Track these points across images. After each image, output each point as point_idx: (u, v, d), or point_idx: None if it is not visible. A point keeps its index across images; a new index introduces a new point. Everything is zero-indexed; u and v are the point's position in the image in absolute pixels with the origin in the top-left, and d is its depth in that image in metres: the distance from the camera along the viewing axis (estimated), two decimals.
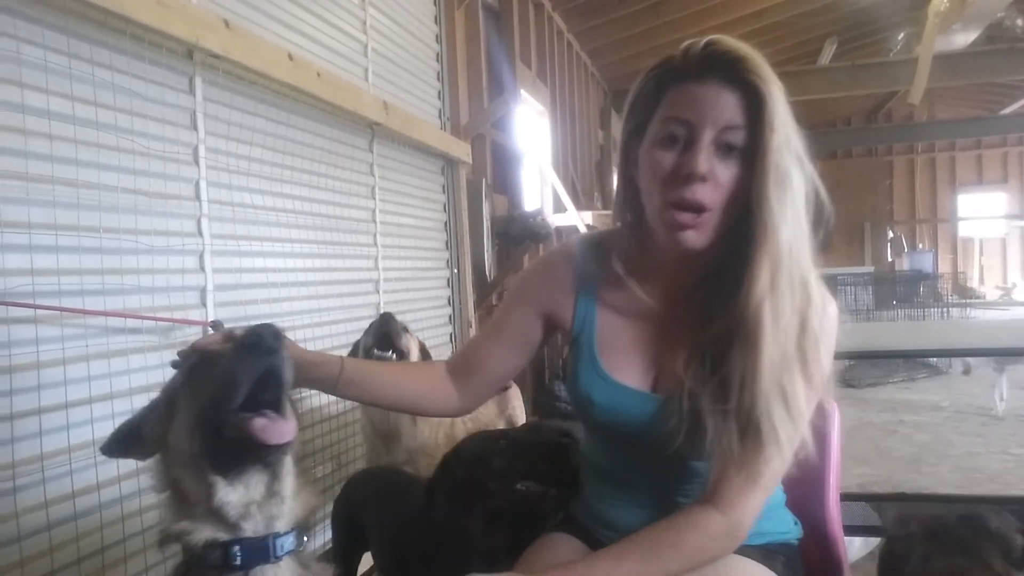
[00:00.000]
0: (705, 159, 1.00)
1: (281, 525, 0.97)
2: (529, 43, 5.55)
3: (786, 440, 1.01)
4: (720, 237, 1.05)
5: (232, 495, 0.94)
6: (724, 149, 1.01)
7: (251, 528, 0.95)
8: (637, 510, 1.17)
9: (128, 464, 1.63)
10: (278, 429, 0.94)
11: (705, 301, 1.09)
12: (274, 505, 0.97)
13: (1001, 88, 11.76)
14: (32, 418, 1.45)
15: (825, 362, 1.06)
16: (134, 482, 1.64)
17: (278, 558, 0.96)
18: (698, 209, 1.01)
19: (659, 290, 1.15)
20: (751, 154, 1.00)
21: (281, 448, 0.94)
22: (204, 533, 0.94)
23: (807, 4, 7.60)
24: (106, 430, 1.57)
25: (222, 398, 0.93)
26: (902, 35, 9.09)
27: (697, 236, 1.03)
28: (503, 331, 1.28)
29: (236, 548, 0.93)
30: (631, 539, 1.04)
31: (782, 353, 1.00)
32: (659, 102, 1.06)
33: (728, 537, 1.05)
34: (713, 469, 1.06)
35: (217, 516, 0.94)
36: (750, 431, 1.01)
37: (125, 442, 1.03)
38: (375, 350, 2.08)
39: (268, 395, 0.95)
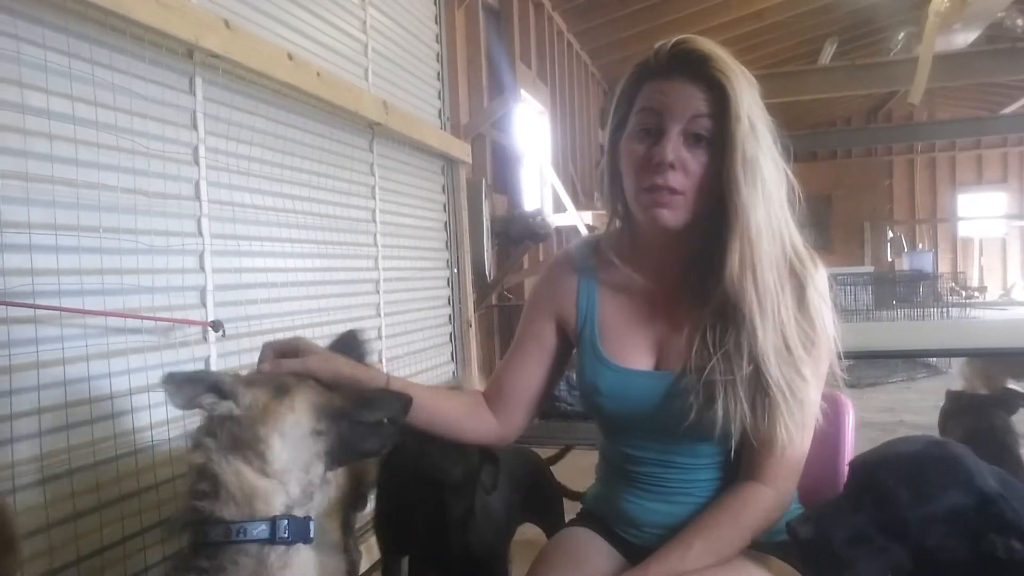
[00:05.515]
0: (672, 148, 1.07)
1: (314, 512, 1.08)
2: (529, 43, 5.55)
3: (796, 402, 1.07)
4: (697, 220, 1.12)
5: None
6: (693, 139, 1.09)
7: (312, 504, 1.07)
8: (656, 505, 1.20)
9: (127, 465, 1.64)
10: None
11: (697, 281, 1.15)
12: (326, 491, 1.12)
13: (1001, 88, 11.72)
14: (32, 418, 1.45)
15: (827, 324, 1.13)
16: (133, 482, 1.64)
17: (311, 540, 1.06)
18: (671, 192, 1.09)
19: (653, 273, 1.21)
20: (719, 143, 1.07)
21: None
22: (279, 498, 1.03)
23: (807, 4, 7.59)
24: (106, 431, 1.59)
25: (349, 411, 1.09)
26: (902, 35, 9.06)
27: (672, 215, 1.10)
28: (523, 345, 1.31)
29: (285, 522, 1.02)
30: (691, 528, 1.11)
31: (781, 321, 1.06)
32: (635, 98, 1.14)
33: (780, 508, 1.14)
34: (740, 448, 1.11)
35: (290, 483, 1.05)
36: (759, 397, 1.07)
37: (198, 387, 1.04)
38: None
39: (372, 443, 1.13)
